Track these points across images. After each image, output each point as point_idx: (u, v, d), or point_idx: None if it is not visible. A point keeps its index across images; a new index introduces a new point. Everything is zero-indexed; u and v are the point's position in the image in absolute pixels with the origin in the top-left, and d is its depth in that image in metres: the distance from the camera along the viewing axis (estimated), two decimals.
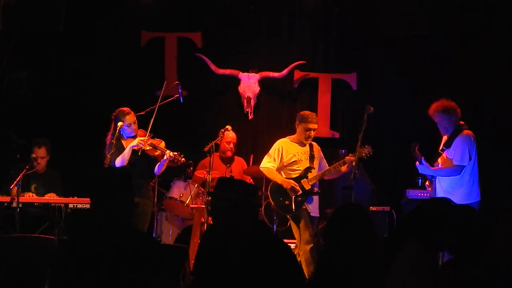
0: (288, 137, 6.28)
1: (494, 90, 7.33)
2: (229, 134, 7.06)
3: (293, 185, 6.04)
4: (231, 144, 7.18)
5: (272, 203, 6.23)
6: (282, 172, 6.19)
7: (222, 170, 7.09)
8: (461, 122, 5.81)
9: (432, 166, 5.85)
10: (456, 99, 6.14)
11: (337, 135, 7.86)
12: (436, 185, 5.83)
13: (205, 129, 7.73)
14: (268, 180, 6.40)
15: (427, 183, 5.96)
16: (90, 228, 3.03)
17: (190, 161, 6.87)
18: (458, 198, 5.64)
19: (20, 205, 6.22)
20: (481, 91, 7.31)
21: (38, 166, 6.72)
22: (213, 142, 6.17)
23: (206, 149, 6.17)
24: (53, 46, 7.82)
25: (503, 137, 7.29)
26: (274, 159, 6.16)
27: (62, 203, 6.45)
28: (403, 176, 6.65)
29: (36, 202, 6.50)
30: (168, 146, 6.11)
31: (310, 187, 6.09)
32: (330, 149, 7.11)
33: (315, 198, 6.18)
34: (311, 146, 6.24)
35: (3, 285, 5.09)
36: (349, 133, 7.71)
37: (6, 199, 6.34)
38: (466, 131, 5.76)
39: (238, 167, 7.29)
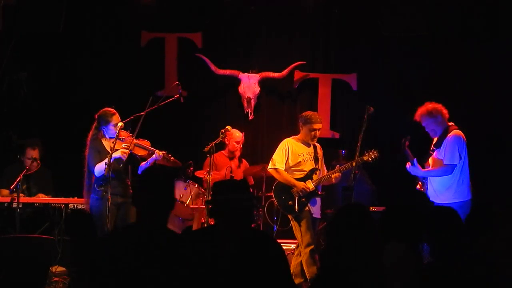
0: (293, 137, 6.24)
1: (494, 90, 7.33)
2: (236, 134, 7.04)
3: (304, 187, 6.02)
4: (240, 144, 7.16)
5: (276, 202, 6.22)
6: (287, 172, 6.16)
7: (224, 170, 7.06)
8: (450, 123, 5.81)
9: (423, 167, 5.85)
10: (456, 99, 6.14)
11: (337, 135, 7.85)
12: (428, 186, 5.83)
13: (205, 129, 7.73)
14: (269, 181, 6.37)
15: (418, 185, 5.95)
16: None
17: (190, 161, 6.86)
18: (449, 197, 5.64)
19: (20, 205, 6.22)
20: (481, 91, 7.31)
21: (31, 165, 6.71)
22: (213, 143, 6.15)
23: (206, 149, 6.15)
24: (53, 46, 7.81)
25: (503, 137, 7.30)
26: (282, 159, 6.12)
27: (62, 204, 6.45)
28: (403, 176, 6.63)
29: (36, 202, 6.50)
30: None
31: (314, 188, 6.09)
32: (330, 149, 7.10)
33: (318, 200, 6.16)
34: (315, 147, 6.22)
35: (3, 285, 5.08)
36: (349, 134, 7.71)
37: (6, 199, 6.34)
38: (455, 131, 5.75)
39: (241, 168, 7.27)
